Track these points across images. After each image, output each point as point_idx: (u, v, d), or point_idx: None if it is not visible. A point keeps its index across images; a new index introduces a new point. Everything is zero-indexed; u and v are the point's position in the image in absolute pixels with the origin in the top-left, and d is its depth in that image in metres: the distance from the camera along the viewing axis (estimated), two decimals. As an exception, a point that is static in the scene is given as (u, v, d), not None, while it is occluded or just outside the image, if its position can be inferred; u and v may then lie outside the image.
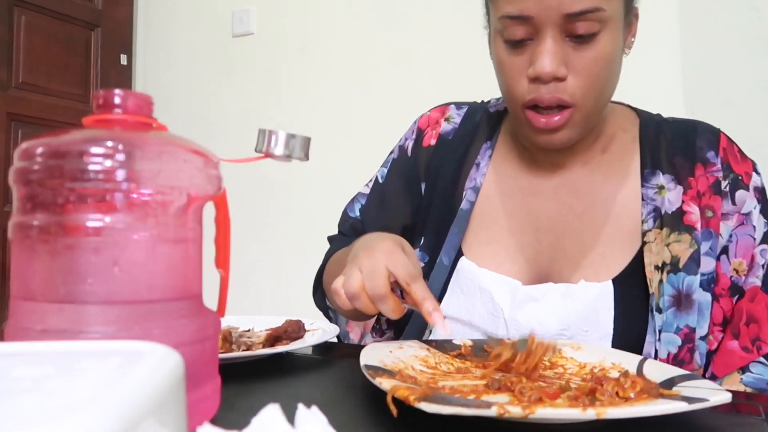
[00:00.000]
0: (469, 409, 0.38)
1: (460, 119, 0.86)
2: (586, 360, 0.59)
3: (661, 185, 0.73)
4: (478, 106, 0.88)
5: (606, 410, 0.38)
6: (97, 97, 0.41)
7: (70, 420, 0.20)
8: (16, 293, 0.38)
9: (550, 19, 0.64)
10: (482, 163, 0.82)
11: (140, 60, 2.64)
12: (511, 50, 0.68)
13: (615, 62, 0.68)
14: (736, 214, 0.71)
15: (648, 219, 0.72)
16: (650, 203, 0.72)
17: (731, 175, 0.72)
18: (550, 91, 0.66)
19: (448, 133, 0.86)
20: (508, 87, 0.71)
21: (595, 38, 0.65)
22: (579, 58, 0.65)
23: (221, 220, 0.46)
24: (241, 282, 1.77)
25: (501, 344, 0.59)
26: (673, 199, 0.72)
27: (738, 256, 0.70)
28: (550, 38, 0.65)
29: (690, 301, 0.69)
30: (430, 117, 0.88)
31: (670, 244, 0.70)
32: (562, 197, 0.77)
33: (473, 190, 0.80)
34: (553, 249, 0.75)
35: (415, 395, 0.40)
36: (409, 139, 0.88)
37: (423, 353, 0.60)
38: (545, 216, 0.77)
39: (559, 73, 0.65)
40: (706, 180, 0.72)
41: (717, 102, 1.52)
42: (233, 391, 0.50)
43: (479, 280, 0.75)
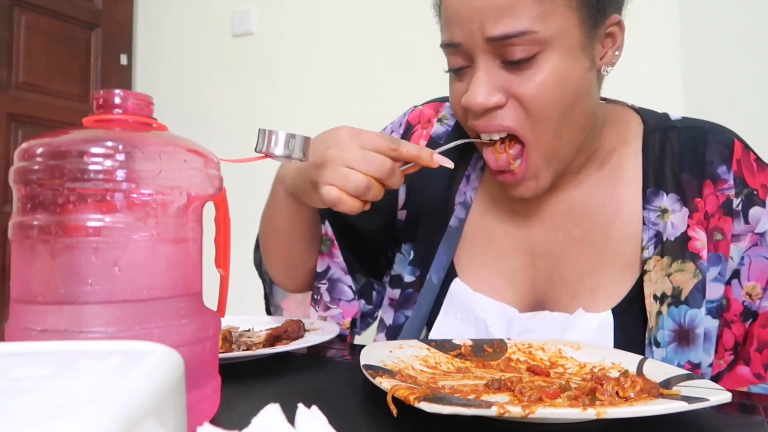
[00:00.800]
0: (469, 409, 0.38)
1: (454, 122, 0.81)
2: (586, 360, 0.59)
3: (665, 208, 0.67)
4: None
5: (606, 410, 0.38)
6: (97, 97, 0.41)
7: (70, 420, 0.20)
8: (16, 293, 0.38)
9: (477, 46, 0.60)
10: (473, 176, 0.77)
11: (140, 60, 2.64)
12: (454, 78, 0.66)
13: (574, 88, 0.61)
14: (749, 234, 0.65)
15: (649, 246, 0.66)
16: (652, 228, 0.67)
17: (745, 190, 0.65)
18: (487, 122, 0.63)
19: (440, 136, 0.80)
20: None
21: (536, 62, 0.59)
22: (521, 83, 0.60)
23: (221, 220, 0.46)
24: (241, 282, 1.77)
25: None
26: (678, 222, 0.66)
27: (751, 280, 0.65)
28: (481, 66, 0.61)
29: (694, 336, 0.64)
30: (422, 113, 0.82)
31: (672, 274, 0.65)
32: (558, 220, 0.72)
33: (463, 206, 0.76)
34: (549, 274, 0.72)
35: (415, 395, 0.40)
36: (396, 131, 0.83)
37: (423, 353, 0.60)
38: (541, 240, 0.72)
39: (489, 102, 0.60)
40: (715, 199, 0.66)
41: (717, 102, 1.52)
42: (233, 391, 0.50)
43: (474, 307, 0.72)
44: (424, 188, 0.80)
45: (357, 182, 0.57)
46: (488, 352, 0.63)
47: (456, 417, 0.38)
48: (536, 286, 0.72)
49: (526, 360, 0.61)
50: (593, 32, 0.62)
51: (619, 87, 0.81)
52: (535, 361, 0.61)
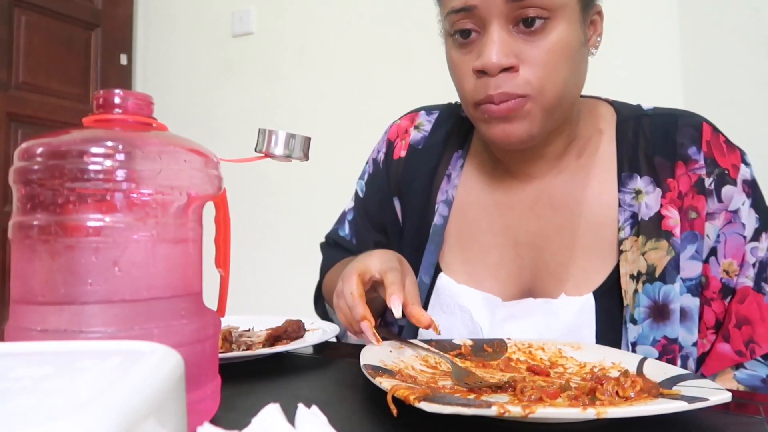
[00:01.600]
0: (469, 409, 0.38)
1: (430, 126, 0.83)
2: (585, 360, 0.59)
3: (639, 189, 0.70)
4: (449, 111, 0.85)
5: (606, 410, 0.38)
6: (97, 97, 0.41)
7: (70, 420, 0.20)
8: (16, 293, 0.38)
9: (493, 9, 0.62)
10: (453, 174, 0.79)
11: (140, 60, 2.64)
12: (460, 49, 0.66)
13: (574, 55, 0.65)
14: (723, 213, 0.67)
15: (625, 226, 0.69)
16: (627, 209, 0.69)
17: (716, 170, 0.68)
18: (499, 86, 0.63)
19: (418, 142, 0.83)
20: (459, 86, 0.68)
21: (545, 27, 0.62)
22: (531, 49, 0.63)
23: (221, 220, 0.46)
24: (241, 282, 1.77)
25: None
26: (651, 203, 0.69)
27: (728, 257, 0.67)
28: (496, 29, 0.62)
29: (668, 311, 0.66)
30: (399, 126, 0.86)
31: (646, 253, 0.67)
32: (540, 211, 0.74)
33: (445, 204, 0.78)
34: (534, 264, 0.73)
35: (416, 395, 0.40)
36: (381, 151, 0.86)
37: (423, 353, 0.60)
38: (524, 231, 0.74)
39: (507, 62, 0.62)
40: (688, 179, 0.68)
41: (717, 102, 1.52)
42: (233, 391, 0.50)
43: (458, 298, 0.73)
44: (408, 194, 0.82)
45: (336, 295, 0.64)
46: (488, 352, 0.63)
47: (456, 417, 0.38)
48: (521, 277, 0.73)
49: (527, 360, 0.61)
50: (586, 13, 0.67)
51: (619, 87, 0.82)
52: (535, 360, 0.61)
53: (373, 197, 0.87)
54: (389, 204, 0.84)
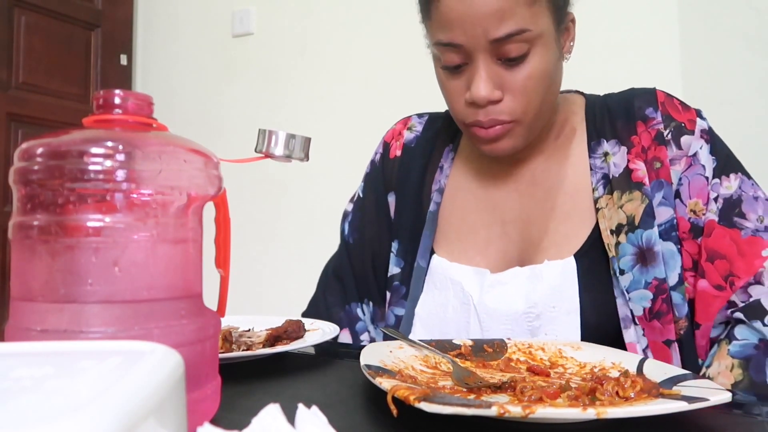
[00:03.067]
0: (469, 409, 0.38)
1: (421, 127, 0.91)
2: (586, 360, 0.59)
3: (606, 152, 0.76)
4: (439, 114, 0.93)
5: (606, 410, 0.38)
6: (97, 98, 0.41)
7: (70, 420, 0.20)
8: (16, 293, 0.38)
9: (479, 46, 0.67)
10: (446, 165, 0.86)
11: (140, 60, 2.64)
12: (449, 74, 0.73)
13: (551, 75, 0.72)
14: (683, 158, 0.73)
15: (598, 187, 0.75)
16: (598, 171, 0.76)
17: (673, 123, 0.74)
18: (487, 114, 0.70)
19: (410, 141, 0.90)
20: (450, 107, 0.75)
21: (525, 58, 0.68)
22: (513, 79, 0.69)
23: (221, 220, 0.46)
24: (241, 282, 1.77)
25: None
26: (619, 161, 0.75)
27: (693, 197, 0.72)
28: (481, 64, 0.68)
29: (653, 254, 0.71)
30: (394, 130, 0.94)
31: (623, 205, 0.73)
32: (523, 188, 0.80)
33: (439, 192, 0.85)
34: (520, 238, 0.78)
35: (415, 395, 0.40)
36: (378, 152, 0.93)
37: (424, 353, 0.60)
38: (509, 208, 0.80)
39: (493, 96, 0.69)
40: (648, 135, 0.75)
41: (717, 102, 1.52)
42: (233, 391, 0.50)
43: (450, 274, 0.78)
44: (404, 188, 0.88)
45: None
46: (488, 352, 0.63)
47: (456, 417, 0.38)
48: (508, 250, 0.79)
49: (527, 360, 0.61)
50: (560, 28, 0.72)
51: (620, 87, 0.82)
52: (535, 361, 0.61)
53: (371, 196, 0.92)
54: (383, 200, 0.90)
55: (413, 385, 0.46)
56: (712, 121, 0.76)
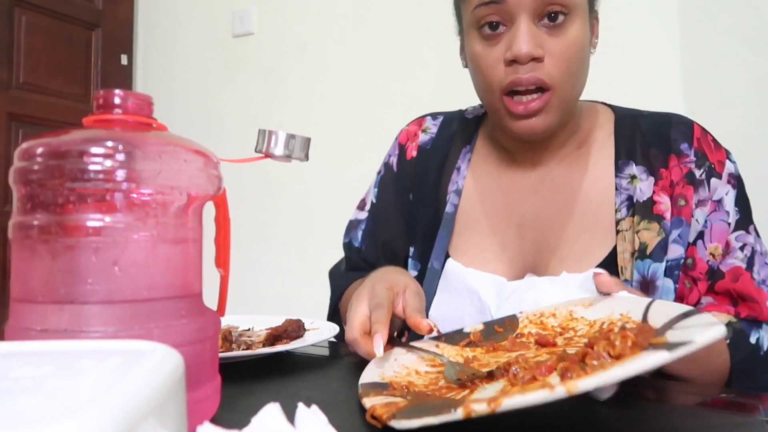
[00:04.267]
0: (436, 417, 0.37)
1: (436, 129, 0.90)
2: (595, 317, 0.56)
3: (633, 175, 0.75)
4: (453, 114, 0.91)
5: (576, 383, 0.35)
6: (98, 97, 0.41)
7: (70, 420, 0.20)
8: (16, 293, 0.38)
9: (522, 3, 0.67)
10: (462, 167, 0.85)
11: (140, 60, 2.64)
12: (486, 42, 0.71)
13: (585, 51, 0.72)
14: (709, 201, 0.73)
15: (621, 208, 0.74)
16: (624, 192, 0.75)
17: (706, 163, 0.74)
18: (528, 71, 0.68)
19: (426, 143, 0.89)
20: (486, 77, 0.72)
21: (565, 23, 0.69)
22: (553, 43, 0.69)
23: (221, 220, 0.46)
24: (241, 282, 1.77)
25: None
26: (645, 189, 0.74)
27: (713, 241, 0.72)
28: (524, 22, 0.68)
29: (654, 287, 0.71)
30: (408, 131, 0.92)
31: (639, 231, 0.73)
32: (542, 193, 0.79)
33: (456, 193, 0.83)
34: (536, 244, 0.77)
35: (388, 413, 0.40)
36: (393, 155, 0.92)
37: (433, 349, 0.59)
38: (526, 212, 0.79)
39: (537, 53, 0.68)
40: (679, 170, 0.74)
41: (717, 102, 1.52)
42: (233, 391, 0.50)
43: (466, 280, 0.77)
44: (420, 190, 0.87)
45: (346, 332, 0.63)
46: (499, 332, 0.62)
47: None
48: (524, 256, 0.78)
49: (537, 332, 0.60)
50: (591, 15, 0.74)
51: (620, 87, 0.82)
52: (546, 330, 0.59)
53: (389, 199, 0.90)
54: (407, 200, 0.88)
55: (394, 399, 0.45)
56: (713, 121, 0.76)
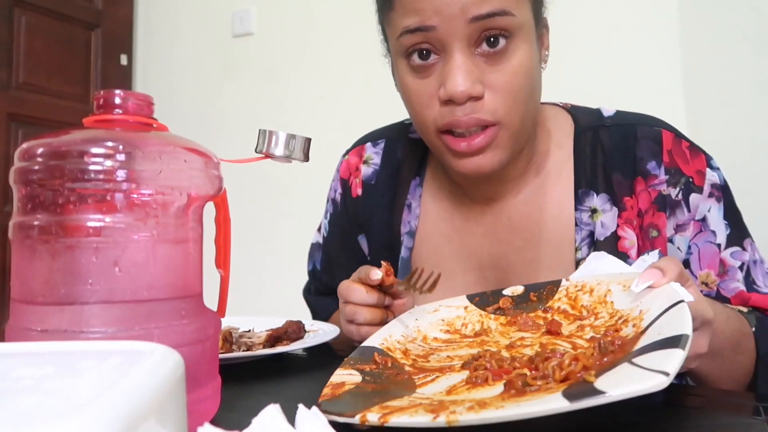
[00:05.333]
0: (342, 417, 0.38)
1: (379, 158, 0.81)
2: (620, 307, 0.52)
3: (594, 208, 0.68)
4: (395, 135, 0.82)
5: (458, 418, 0.34)
6: (98, 98, 0.41)
7: (70, 420, 0.20)
8: (16, 293, 0.38)
9: (455, 29, 0.58)
10: (413, 204, 0.77)
11: (140, 60, 2.64)
12: (416, 74, 0.62)
13: (534, 76, 0.63)
14: (691, 222, 0.65)
15: (582, 246, 0.68)
16: (584, 228, 0.68)
17: (682, 179, 0.65)
18: (466, 113, 0.60)
19: (370, 177, 0.81)
20: (418, 115, 0.64)
21: (507, 49, 0.59)
22: (495, 74, 0.60)
23: (221, 221, 0.46)
24: (242, 282, 1.77)
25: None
26: (608, 222, 0.67)
27: (704, 268, 0.66)
28: (458, 53, 0.59)
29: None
30: (349, 163, 0.83)
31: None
32: (500, 234, 0.73)
33: (409, 235, 0.77)
34: (499, 284, 0.71)
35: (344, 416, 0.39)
36: (337, 191, 0.85)
37: (457, 313, 0.60)
38: (486, 254, 0.74)
39: (475, 91, 0.59)
40: (647, 195, 0.66)
41: (717, 102, 1.52)
42: (233, 392, 0.50)
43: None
44: (370, 231, 0.81)
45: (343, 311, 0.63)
46: (532, 302, 0.59)
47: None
48: None
49: (565, 309, 0.56)
50: (539, 28, 0.65)
51: (620, 87, 0.82)
52: (575, 308, 0.56)
53: (336, 238, 0.86)
54: (354, 242, 0.83)
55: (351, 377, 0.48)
56: (713, 121, 0.75)
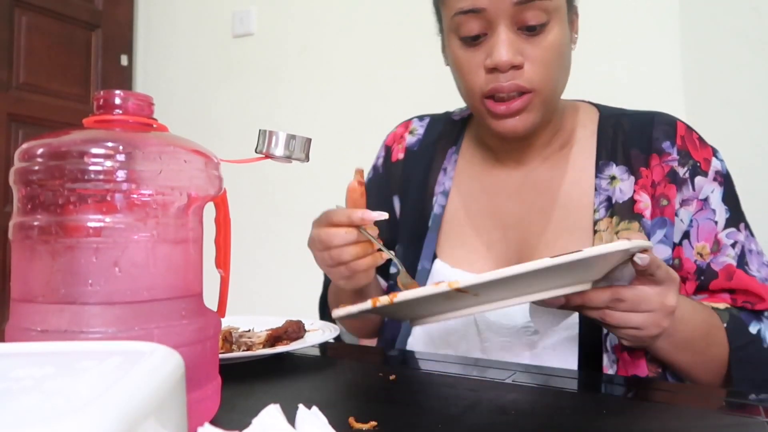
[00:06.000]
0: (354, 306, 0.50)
1: (423, 130, 0.91)
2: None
3: (613, 176, 0.76)
4: (440, 116, 0.93)
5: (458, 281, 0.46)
6: (98, 98, 0.41)
7: (71, 420, 0.20)
8: (16, 294, 0.38)
9: (501, 11, 0.68)
10: (449, 168, 0.86)
11: (140, 60, 2.64)
12: (466, 47, 0.72)
13: (565, 52, 0.73)
14: (695, 200, 0.73)
15: (600, 208, 0.75)
16: (603, 193, 0.75)
17: (690, 161, 0.74)
18: (508, 79, 0.70)
19: (413, 144, 0.90)
20: (466, 82, 0.73)
21: (544, 29, 0.69)
22: (533, 48, 0.69)
23: (221, 221, 0.46)
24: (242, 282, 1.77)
25: None
26: (625, 189, 0.75)
27: (701, 240, 0.72)
28: (503, 30, 0.69)
29: None
30: (395, 134, 0.93)
31: (619, 232, 0.73)
32: (525, 195, 0.80)
33: (443, 195, 0.85)
34: (519, 245, 0.78)
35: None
36: (380, 157, 0.94)
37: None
38: (510, 214, 0.80)
39: (516, 61, 0.69)
40: (661, 170, 0.74)
41: (717, 102, 1.52)
42: (233, 392, 0.50)
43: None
44: (407, 191, 0.88)
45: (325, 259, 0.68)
46: None
47: (455, 418, 0.38)
48: (509, 257, 0.78)
49: None
50: (570, 12, 0.74)
51: (620, 87, 0.82)
52: None
53: (372, 199, 0.90)
54: (389, 203, 0.90)
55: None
56: (713, 121, 0.76)
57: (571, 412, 0.47)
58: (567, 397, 0.53)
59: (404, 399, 0.51)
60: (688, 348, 0.63)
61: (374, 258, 0.66)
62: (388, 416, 0.43)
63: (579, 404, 0.39)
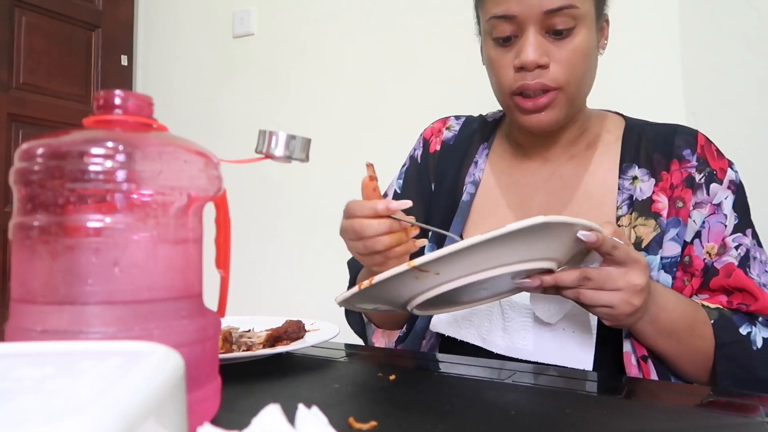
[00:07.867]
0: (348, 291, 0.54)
1: (459, 127, 0.99)
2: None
3: (635, 176, 0.81)
4: (475, 117, 1.01)
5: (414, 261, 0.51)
6: (98, 98, 0.41)
7: (71, 420, 0.20)
8: (16, 294, 0.38)
9: (531, 17, 0.75)
10: (480, 161, 0.93)
11: (141, 61, 2.64)
12: (499, 48, 0.79)
13: (591, 56, 0.79)
14: (708, 204, 0.78)
15: (622, 206, 0.80)
16: (625, 192, 0.81)
17: (707, 169, 0.79)
18: (534, 78, 0.76)
19: (449, 139, 0.98)
20: (498, 79, 0.80)
21: (571, 33, 0.76)
22: (559, 50, 0.76)
23: (221, 221, 0.46)
24: (242, 282, 1.77)
25: None
26: (645, 189, 0.80)
27: (710, 241, 0.77)
28: (532, 33, 0.75)
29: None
30: (433, 128, 1.02)
31: (636, 227, 0.78)
32: (551, 188, 0.86)
33: (472, 184, 0.91)
34: None
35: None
36: (418, 149, 1.01)
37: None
38: (536, 206, 0.85)
39: (542, 61, 0.75)
40: (680, 174, 0.80)
41: (717, 102, 1.52)
42: (233, 392, 0.50)
43: None
44: (441, 180, 0.95)
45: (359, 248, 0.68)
46: None
47: (456, 417, 0.38)
48: None
49: None
50: (599, 21, 0.81)
51: (620, 87, 0.83)
52: None
53: (411, 188, 0.98)
54: (428, 189, 0.96)
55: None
56: (713, 121, 0.76)
57: (571, 412, 0.47)
58: (567, 397, 0.53)
59: (404, 399, 0.51)
60: (672, 336, 0.68)
61: (407, 247, 0.68)
62: (388, 416, 0.43)
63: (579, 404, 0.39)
